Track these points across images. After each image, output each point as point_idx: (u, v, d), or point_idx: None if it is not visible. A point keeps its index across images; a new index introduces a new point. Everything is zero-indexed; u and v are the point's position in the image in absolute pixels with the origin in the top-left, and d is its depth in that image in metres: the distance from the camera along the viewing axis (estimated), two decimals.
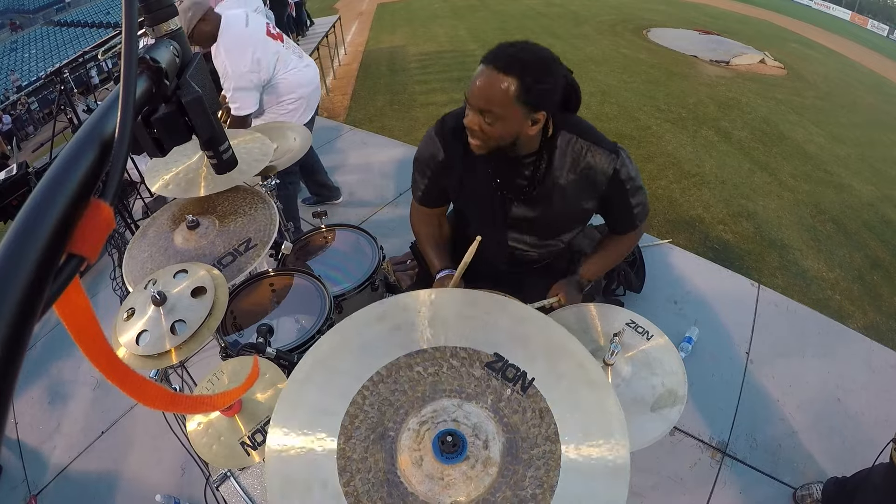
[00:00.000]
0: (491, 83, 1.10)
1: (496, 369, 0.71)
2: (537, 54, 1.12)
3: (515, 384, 0.70)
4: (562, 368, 0.72)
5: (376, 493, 0.64)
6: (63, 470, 2.13)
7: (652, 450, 1.31)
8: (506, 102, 1.10)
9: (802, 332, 2.48)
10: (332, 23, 7.52)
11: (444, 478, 0.64)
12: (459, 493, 0.63)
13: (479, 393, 0.70)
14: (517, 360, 0.72)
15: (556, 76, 1.13)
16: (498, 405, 0.69)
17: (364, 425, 0.69)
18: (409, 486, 0.64)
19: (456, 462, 0.65)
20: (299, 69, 2.54)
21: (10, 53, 28.67)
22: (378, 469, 0.66)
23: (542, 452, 0.65)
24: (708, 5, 16.00)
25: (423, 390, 0.71)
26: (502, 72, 1.08)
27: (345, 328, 0.78)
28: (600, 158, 1.25)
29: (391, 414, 0.70)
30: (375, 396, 0.71)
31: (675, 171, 4.44)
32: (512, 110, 1.11)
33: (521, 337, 0.75)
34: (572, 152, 1.26)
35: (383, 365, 0.73)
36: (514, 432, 0.67)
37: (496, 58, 1.10)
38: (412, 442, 0.67)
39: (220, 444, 1.04)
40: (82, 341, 0.33)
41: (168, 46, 0.52)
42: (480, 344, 0.74)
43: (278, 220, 1.49)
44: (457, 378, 0.71)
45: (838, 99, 8.55)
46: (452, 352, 0.73)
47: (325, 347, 0.76)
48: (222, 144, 0.62)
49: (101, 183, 0.33)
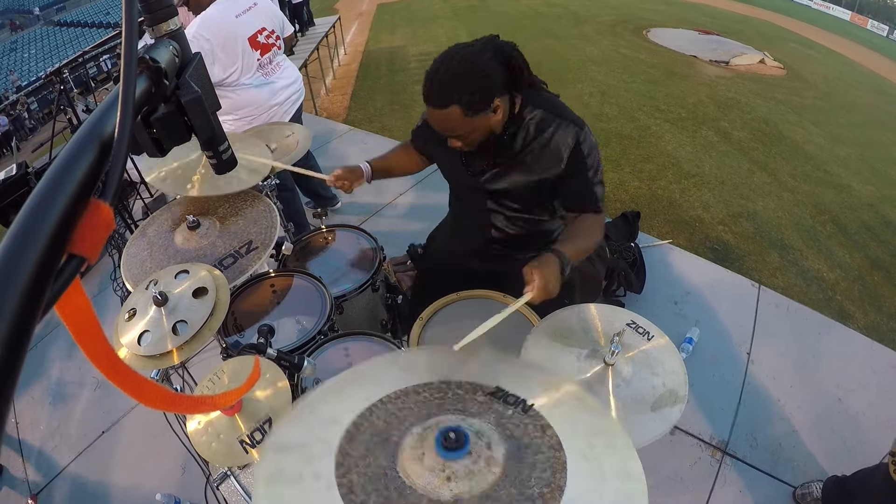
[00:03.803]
0: (442, 119, 1.22)
1: (498, 397, 0.76)
2: (455, 70, 1.17)
3: (517, 407, 0.74)
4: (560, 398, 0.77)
5: (371, 486, 0.63)
6: (63, 470, 2.13)
7: (652, 449, 1.31)
8: (463, 122, 1.21)
9: (803, 333, 2.48)
10: (332, 23, 7.52)
11: (446, 470, 0.63)
12: (461, 486, 0.62)
13: (482, 412, 0.73)
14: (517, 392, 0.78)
15: (485, 72, 1.18)
16: (500, 421, 0.72)
17: (369, 432, 0.70)
18: (407, 480, 0.64)
19: (458, 457, 0.64)
20: (256, 87, 2.33)
21: (10, 53, 28.70)
22: (377, 465, 0.66)
23: (547, 458, 0.66)
24: (708, 5, 16.01)
25: (430, 409, 0.74)
26: (441, 107, 1.20)
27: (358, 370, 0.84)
28: (563, 131, 1.30)
29: (396, 424, 0.71)
30: (383, 412, 0.73)
31: (675, 171, 4.44)
32: (471, 123, 1.22)
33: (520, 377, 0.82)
34: (537, 124, 1.32)
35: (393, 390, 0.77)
36: (517, 439, 0.68)
37: (430, 97, 1.21)
38: (415, 442, 0.67)
39: (219, 442, 1.04)
40: (83, 342, 0.33)
41: (168, 46, 0.52)
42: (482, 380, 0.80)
43: (279, 222, 1.49)
44: (461, 402, 0.76)
45: (838, 99, 8.56)
46: (457, 384, 0.79)
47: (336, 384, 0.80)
48: (222, 144, 0.62)
49: (100, 183, 0.33)
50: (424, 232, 1.96)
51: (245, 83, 2.30)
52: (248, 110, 2.35)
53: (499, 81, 1.21)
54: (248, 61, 2.26)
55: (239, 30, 2.20)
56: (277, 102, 2.42)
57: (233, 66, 2.22)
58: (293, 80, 2.53)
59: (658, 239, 3.10)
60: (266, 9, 2.36)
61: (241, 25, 2.22)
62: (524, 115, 1.32)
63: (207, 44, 2.10)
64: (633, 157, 4.55)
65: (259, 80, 2.34)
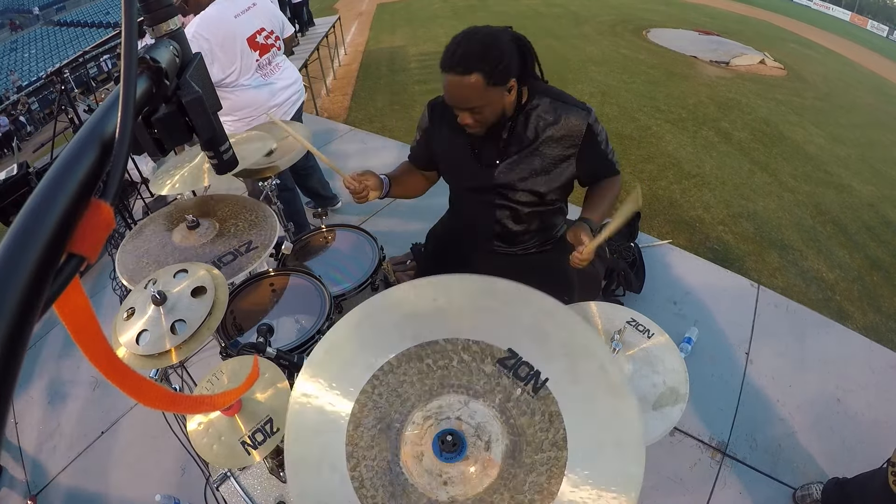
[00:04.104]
0: (460, 87, 1.23)
1: (508, 367, 0.68)
2: (481, 40, 1.22)
3: (527, 384, 0.67)
4: (580, 370, 0.67)
5: (379, 481, 0.65)
6: (63, 470, 2.13)
7: (652, 450, 1.31)
8: (481, 94, 1.23)
9: (802, 333, 2.48)
10: (332, 23, 7.52)
11: (442, 475, 0.64)
12: (457, 490, 0.63)
13: (487, 391, 0.68)
14: (532, 358, 0.68)
15: (504, 47, 1.23)
16: (506, 405, 0.67)
17: (372, 414, 0.70)
18: (409, 478, 0.65)
19: (454, 462, 0.65)
20: (254, 88, 2.33)
21: (10, 53, 28.68)
22: (382, 458, 0.67)
23: (547, 458, 0.64)
24: (708, 5, 16.01)
25: (431, 384, 0.70)
26: (463, 74, 1.21)
27: (370, 306, 0.76)
28: (574, 116, 1.35)
29: (398, 405, 0.70)
30: (385, 386, 0.71)
31: (676, 171, 4.44)
32: (489, 96, 1.24)
33: (540, 333, 0.70)
34: (546, 113, 1.36)
35: (394, 355, 0.71)
36: (519, 435, 0.66)
37: (452, 64, 1.22)
38: (415, 436, 0.68)
39: (220, 443, 1.04)
40: (82, 341, 0.33)
41: (168, 46, 0.52)
42: (495, 338, 0.70)
43: (279, 225, 1.49)
44: (466, 374, 0.69)
45: (838, 99, 8.56)
46: (465, 345, 0.70)
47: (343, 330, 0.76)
48: (223, 144, 0.62)
49: (101, 183, 0.33)
50: (424, 232, 1.96)
51: (244, 84, 2.29)
52: (247, 111, 2.35)
53: (515, 64, 1.27)
54: (246, 62, 2.25)
55: (238, 30, 2.19)
56: (277, 103, 2.41)
57: (231, 66, 2.21)
58: (293, 81, 2.52)
59: (658, 239, 3.10)
60: (265, 9, 2.35)
61: (240, 25, 2.21)
62: (532, 104, 1.36)
63: (207, 43, 2.10)
64: (634, 158, 4.55)
65: (258, 81, 2.33)
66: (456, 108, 1.30)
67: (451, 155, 1.52)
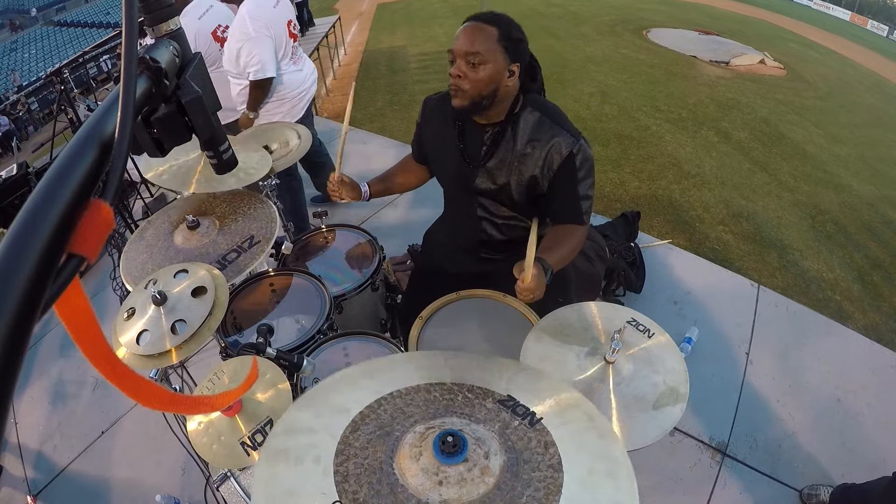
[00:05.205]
0: (476, 30, 1.25)
1: (507, 406, 0.76)
2: (511, 19, 1.29)
3: (524, 419, 0.74)
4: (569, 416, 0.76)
5: (366, 479, 0.64)
6: (63, 470, 2.13)
7: (652, 450, 1.31)
8: (489, 43, 1.23)
9: (802, 333, 2.48)
10: (332, 23, 7.51)
11: (439, 474, 0.64)
12: (451, 493, 0.62)
13: (488, 419, 0.73)
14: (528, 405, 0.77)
15: (525, 37, 1.29)
16: (505, 431, 0.71)
17: (374, 423, 0.71)
18: (400, 478, 0.64)
19: (454, 462, 0.64)
20: (290, 73, 2.54)
21: (10, 53, 28.66)
22: (375, 459, 0.67)
23: (544, 477, 0.65)
24: (708, 5, 15.99)
25: (437, 408, 0.74)
26: (484, 22, 1.25)
27: (377, 363, 0.86)
28: (560, 139, 1.30)
29: (402, 420, 0.71)
30: (390, 405, 0.74)
31: (675, 171, 4.43)
32: (494, 51, 1.24)
33: (533, 390, 0.81)
34: (534, 128, 1.33)
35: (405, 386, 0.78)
36: (517, 453, 0.67)
37: (478, 16, 1.28)
38: (415, 440, 0.68)
39: (220, 444, 1.04)
40: (82, 342, 0.33)
41: (168, 46, 0.52)
42: (496, 387, 0.80)
43: (278, 217, 1.49)
44: (469, 406, 0.76)
45: (838, 99, 8.55)
46: (469, 388, 0.79)
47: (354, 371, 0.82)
48: (222, 144, 0.62)
49: (101, 183, 0.33)
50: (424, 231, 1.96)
51: (283, 69, 2.49)
52: (284, 93, 2.53)
53: (526, 56, 1.30)
54: (287, 47, 2.48)
55: (278, 16, 2.40)
56: (305, 88, 2.64)
57: (281, 49, 2.42)
58: (312, 70, 2.75)
59: (658, 239, 3.10)
60: (289, 2, 2.58)
61: (279, 13, 2.41)
62: (523, 115, 1.34)
63: (266, 29, 2.29)
64: (634, 157, 4.54)
65: (291, 67, 2.55)
66: (458, 57, 1.26)
67: (439, 149, 1.52)
